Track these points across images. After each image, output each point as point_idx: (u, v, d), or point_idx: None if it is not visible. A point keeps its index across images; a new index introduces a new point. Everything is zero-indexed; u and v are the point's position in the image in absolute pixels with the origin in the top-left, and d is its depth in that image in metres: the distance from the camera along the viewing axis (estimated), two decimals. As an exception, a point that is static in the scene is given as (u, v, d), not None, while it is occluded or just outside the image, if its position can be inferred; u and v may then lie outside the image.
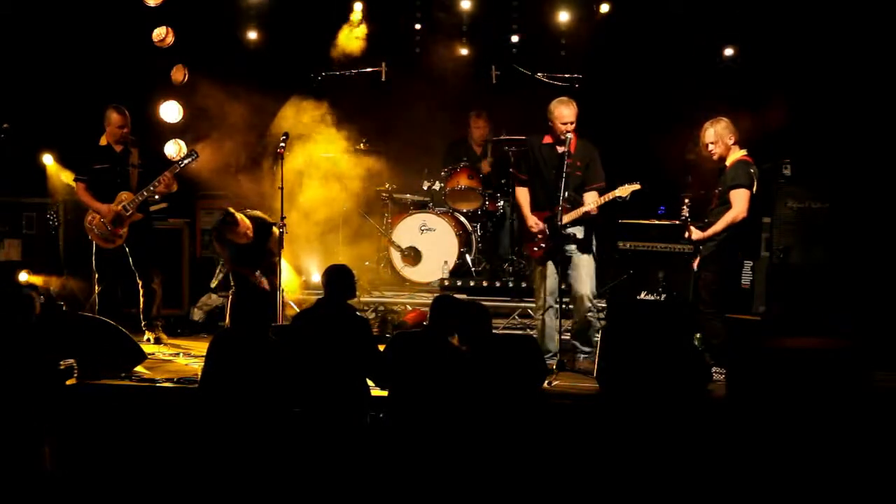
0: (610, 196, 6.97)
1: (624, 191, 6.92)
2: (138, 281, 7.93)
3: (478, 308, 5.91)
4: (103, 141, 7.86)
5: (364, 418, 5.70)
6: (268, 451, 5.36)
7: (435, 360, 5.64)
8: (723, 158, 6.87)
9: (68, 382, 6.21)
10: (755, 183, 6.78)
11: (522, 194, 7.34)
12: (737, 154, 6.85)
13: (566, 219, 6.98)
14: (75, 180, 7.96)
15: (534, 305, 7.80)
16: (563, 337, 7.27)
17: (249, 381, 5.43)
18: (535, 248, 7.21)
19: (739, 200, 6.72)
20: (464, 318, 5.80)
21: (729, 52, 9.37)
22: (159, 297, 8.05)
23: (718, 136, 6.83)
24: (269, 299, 5.84)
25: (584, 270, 7.13)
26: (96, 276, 7.91)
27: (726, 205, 6.77)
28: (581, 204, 7.08)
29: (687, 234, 6.95)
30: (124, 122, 7.79)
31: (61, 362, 6.02)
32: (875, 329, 7.26)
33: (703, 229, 6.88)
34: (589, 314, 7.17)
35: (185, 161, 7.83)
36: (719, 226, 6.77)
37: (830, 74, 8.65)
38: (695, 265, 7.00)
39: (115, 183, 7.80)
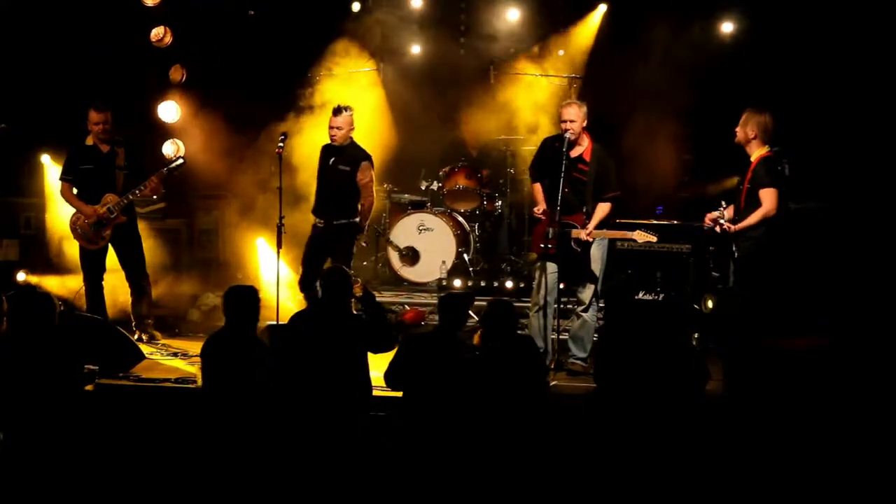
0: (626, 236, 7.14)
1: (640, 236, 7.08)
2: (127, 281, 7.86)
3: (505, 306, 5.89)
4: (89, 141, 7.72)
5: (365, 418, 5.70)
6: (267, 450, 5.37)
7: (446, 359, 5.65)
8: (742, 147, 6.93)
9: (87, 388, 6.02)
10: (783, 181, 6.82)
11: (536, 189, 7.36)
12: (761, 151, 6.90)
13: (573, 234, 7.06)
14: (60, 180, 7.84)
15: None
16: (561, 337, 7.25)
17: (241, 379, 5.46)
18: (541, 245, 7.24)
19: (769, 198, 6.79)
20: (490, 315, 5.80)
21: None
22: (149, 296, 7.97)
23: (743, 124, 6.91)
24: (252, 296, 5.76)
25: (587, 276, 7.14)
26: (82, 275, 7.86)
27: (756, 204, 6.82)
28: (585, 209, 7.11)
29: (719, 228, 6.97)
30: (101, 119, 7.61)
31: (86, 366, 5.81)
32: (870, 328, 7.27)
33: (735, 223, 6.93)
34: (587, 315, 7.17)
35: (173, 167, 7.78)
36: (752, 219, 6.81)
37: (830, 74, 8.66)
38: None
39: (100, 184, 7.69)
